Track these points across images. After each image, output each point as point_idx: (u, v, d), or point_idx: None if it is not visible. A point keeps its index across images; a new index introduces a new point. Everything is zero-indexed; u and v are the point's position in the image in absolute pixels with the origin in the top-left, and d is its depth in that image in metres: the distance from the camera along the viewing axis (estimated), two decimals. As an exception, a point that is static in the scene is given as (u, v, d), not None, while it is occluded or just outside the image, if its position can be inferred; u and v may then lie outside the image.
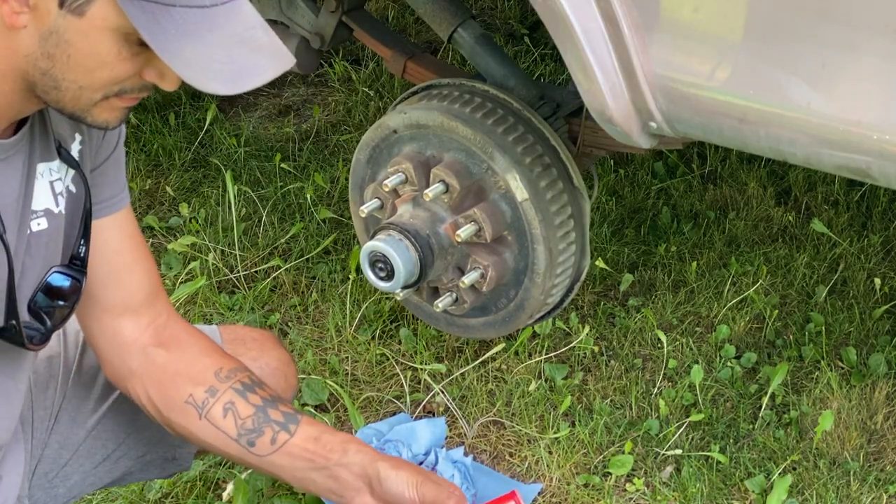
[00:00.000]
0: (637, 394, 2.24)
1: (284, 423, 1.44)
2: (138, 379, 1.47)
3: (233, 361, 1.49)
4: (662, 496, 2.03)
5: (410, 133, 2.11)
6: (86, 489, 1.60)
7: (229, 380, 1.45)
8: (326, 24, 2.37)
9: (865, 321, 2.40)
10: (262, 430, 1.44)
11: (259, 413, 1.44)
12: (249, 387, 1.46)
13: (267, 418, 1.44)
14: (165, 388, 1.46)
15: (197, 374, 1.45)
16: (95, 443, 1.57)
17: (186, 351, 1.48)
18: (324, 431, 1.45)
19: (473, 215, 2.02)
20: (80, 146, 1.34)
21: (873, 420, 2.17)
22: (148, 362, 1.46)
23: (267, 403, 1.45)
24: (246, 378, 1.47)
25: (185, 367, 1.46)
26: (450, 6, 2.24)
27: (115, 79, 1.15)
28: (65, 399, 1.55)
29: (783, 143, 1.67)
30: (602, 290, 2.55)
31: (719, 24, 1.65)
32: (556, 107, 2.20)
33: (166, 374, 1.46)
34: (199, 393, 1.44)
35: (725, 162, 2.94)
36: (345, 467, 1.41)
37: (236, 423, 1.44)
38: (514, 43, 3.55)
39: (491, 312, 2.18)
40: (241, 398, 1.44)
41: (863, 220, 2.72)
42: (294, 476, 1.46)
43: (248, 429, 1.44)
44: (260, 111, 3.39)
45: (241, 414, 1.44)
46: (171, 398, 1.45)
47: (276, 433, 1.43)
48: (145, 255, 1.49)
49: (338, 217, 2.74)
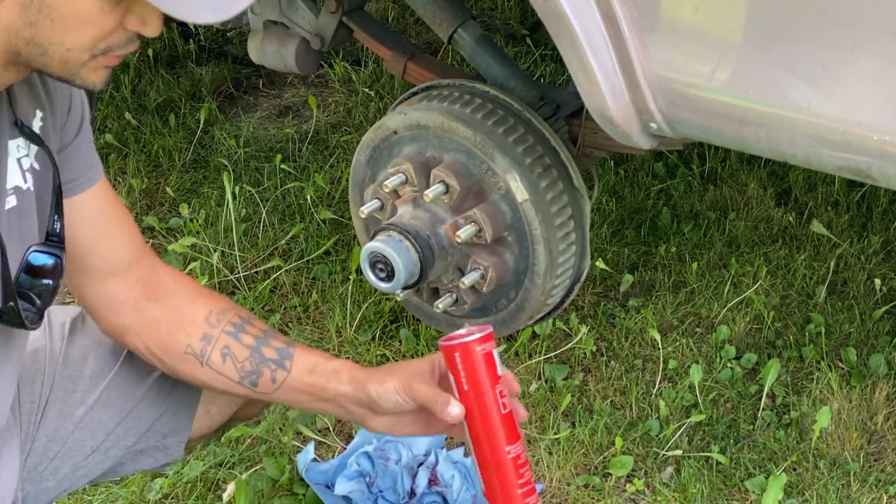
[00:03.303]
0: (637, 394, 2.24)
1: (279, 360, 1.46)
2: (135, 334, 1.49)
3: (219, 302, 1.51)
4: (662, 497, 2.03)
5: (410, 134, 2.11)
6: (76, 482, 1.59)
7: (220, 322, 1.47)
8: (327, 24, 2.37)
9: (865, 322, 2.40)
10: (261, 370, 1.46)
11: (254, 354, 1.46)
12: (240, 326, 1.48)
13: (262, 358, 1.46)
14: (163, 341, 1.48)
15: (190, 323, 1.48)
16: (84, 434, 1.56)
17: (176, 300, 1.50)
18: (317, 362, 1.46)
19: (474, 216, 2.02)
20: (41, 122, 1.33)
21: (873, 420, 2.17)
22: (142, 317, 1.48)
23: (259, 342, 1.47)
24: (235, 317, 1.48)
25: (178, 316, 1.48)
26: (450, 7, 2.24)
27: (100, 35, 1.15)
28: (51, 392, 1.55)
29: (783, 144, 1.67)
30: (602, 291, 2.55)
31: (719, 24, 1.65)
32: (557, 107, 2.20)
33: (161, 327, 1.48)
34: (196, 342, 1.47)
35: (725, 162, 2.94)
36: (343, 397, 1.43)
37: (236, 366, 1.46)
38: (515, 43, 3.55)
39: (491, 313, 2.18)
40: (235, 340, 1.47)
41: (863, 221, 2.73)
42: (305, 407, 1.52)
43: (248, 371, 1.46)
44: (260, 112, 3.39)
45: (239, 357, 1.46)
46: (170, 350, 1.48)
47: (274, 372, 1.46)
48: (125, 216, 1.50)
49: (338, 218, 2.74)
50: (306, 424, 2.17)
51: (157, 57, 3.62)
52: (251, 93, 3.50)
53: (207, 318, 1.48)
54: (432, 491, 1.99)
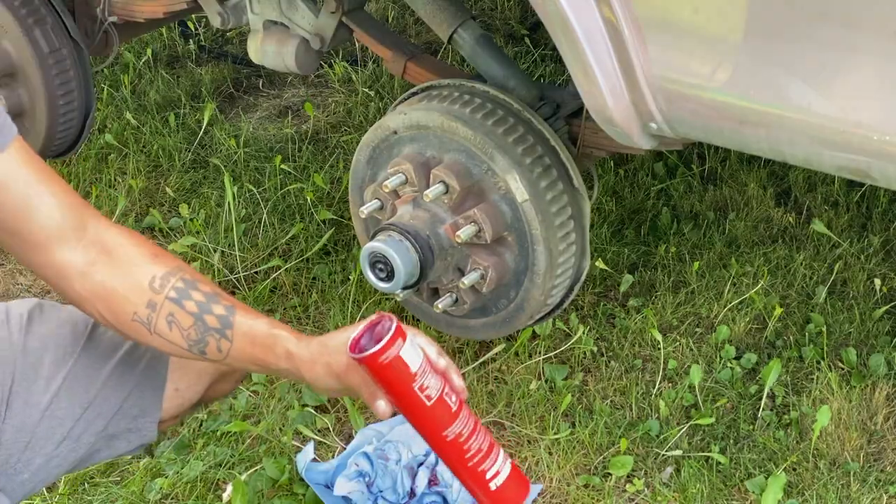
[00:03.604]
0: (637, 394, 2.24)
1: (221, 329, 1.44)
2: (88, 301, 1.46)
3: (164, 264, 1.46)
4: (662, 497, 2.03)
5: (410, 134, 2.11)
6: (52, 472, 1.57)
7: (164, 288, 1.44)
8: (326, 24, 2.37)
9: (865, 322, 2.40)
10: (206, 340, 1.44)
11: (198, 322, 1.44)
12: (183, 291, 1.45)
13: (206, 328, 1.44)
14: (112, 308, 1.46)
15: (135, 289, 1.44)
16: (52, 422, 1.55)
17: (122, 263, 1.46)
18: (256, 333, 1.44)
19: (473, 216, 2.02)
20: None
21: (873, 421, 2.17)
22: (90, 284, 1.45)
23: (202, 309, 1.44)
24: (179, 281, 1.45)
25: (122, 282, 1.45)
26: (450, 7, 2.24)
27: None
28: (14, 383, 1.54)
29: (783, 144, 1.67)
30: (602, 291, 2.55)
31: (719, 24, 1.65)
32: (557, 107, 2.20)
33: (108, 293, 1.45)
34: (142, 309, 1.44)
35: (725, 163, 2.94)
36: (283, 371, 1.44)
37: (182, 334, 1.45)
38: (514, 43, 3.55)
39: (491, 313, 2.18)
40: (179, 308, 1.44)
41: (863, 221, 2.72)
42: (258, 372, 1.51)
43: (194, 339, 1.45)
44: (260, 112, 3.39)
45: (183, 325, 1.44)
46: (118, 316, 1.46)
47: (219, 342, 1.44)
48: (50, 177, 1.45)
49: (338, 218, 2.74)
50: (306, 424, 2.17)
51: (157, 57, 3.63)
52: (251, 93, 3.50)
53: (151, 284, 1.44)
54: (432, 491, 1.99)
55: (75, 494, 2.03)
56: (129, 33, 2.92)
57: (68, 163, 3.02)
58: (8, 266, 2.74)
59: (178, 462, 2.10)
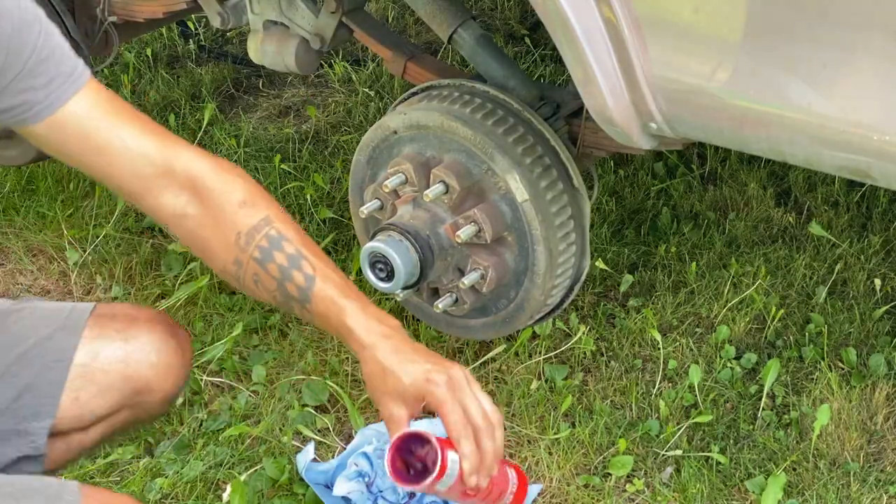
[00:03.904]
0: (637, 394, 2.24)
1: (301, 300, 1.44)
2: (188, 244, 1.49)
3: (251, 214, 1.44)
4: (662, 497, 2.03)
5: (410, 134, 2.11)
6: None
7: (249, 246, 1.43)
8: (326, 24, 2.37)
9: (865, 322, 2.40)
10: (290, 304, 1.45)
11: (280, 287, 1.44)
12: (267, 252, 1.43)
13: (288, 295, 1.44)
14: (205, 255, 1.47)
15: (222, 245, 1.44)
16: None
17: (209, 210, 1.44)
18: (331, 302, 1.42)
19: (473, 216, 2.02)
20: None
21: (873, 421, 2.17)
22: (183, 232, 1.46)
23: (283, 275, 1.43)
24: (263, 239, 1.43)
25: (212, 234, 1.45)
26: (450, 7, 2.24)
27: None
28: None
29: (783, 144, 1.67)
30: (602, 291, 2.55)
31: (719, 24, 1.65)
32: (557, 107, 2.20)
33: (200, 243, 1.46)
34: (230, 266, 1.45)
35: (725, 163, 2.94)
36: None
37: (268, 293, 1.45)
38: (514, 43, 3.55)
39: (491, 313, 2.18)
40: (263, 270, 1.43)
41: (863, 221, 2.72)
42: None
43: (279, 301, 1.45)
44: (260, 112, 3.39)
45: (269, 287, 1.44)
46: (212, 264, 1.48)
47: (302, 308, 1.44)
48: (129, 118, 1.44)
49: (338, 218, 2.74)
50: (306, 424, 2.17)
51: (157, 57, 3.63)
52: (251, 93, 3.50)
53: (238, 241, 1.43)
54: (432, 491, 1.99)
55: (75, 494, 2.03)
56: (129, 33, 2.92)
57: (68, 163, 3.01)
58: (8, 266, 2.74)
59: (177, 462, 2.10)
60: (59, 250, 2.73)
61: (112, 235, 2.73)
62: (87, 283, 2.64)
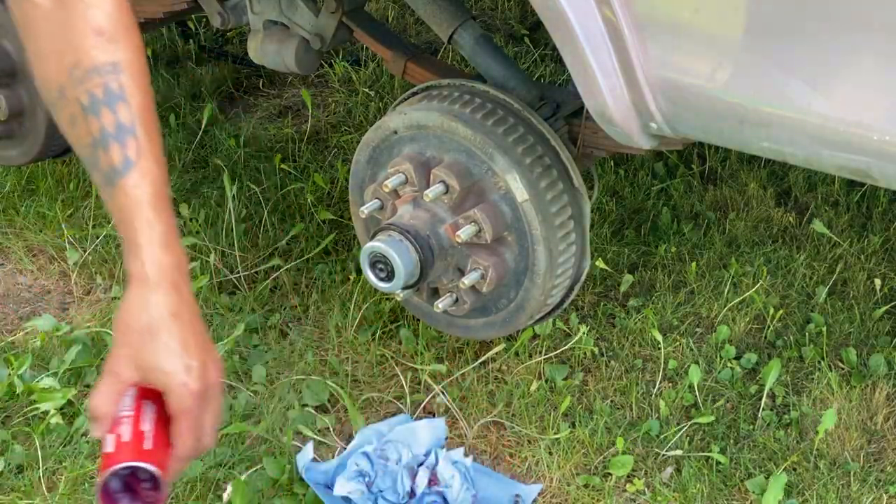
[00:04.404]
0: (637, 394, 2.24)
1: (106, 178, 1.23)
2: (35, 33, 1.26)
3: (99, 50, 1.22)
4: (662, 497, 2.03)
5: (410, 134, 2.11)
6: None
7: (81, 85, 1.22)
8: (327, 24, 2.37)
9: (866, 322, 2.40)
10: (93, 172, 1.24)
11: (92, 149, 1.23)
12: (97, 105, 1.22)
13: (95, 161, 1.23)
14: (36, 60, 1.25)
15: (56, 61, 1.23)
16: None
17: (68, 13, 1.23)
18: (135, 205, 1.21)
19: (473, 216, 2.02)
20: None
21: (873, 421, 2.17)
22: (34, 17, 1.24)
23: (102, 139, 1.22)
24: (98, 89, 1.22)
25: (50, 42, 1.24)
26: (450, 7, 2.24)
27: None
28: None
29: (783, 144, 1.67)
30: (602, 291, 2.55)
31: (720, 24, 1.65)
32: (557, 107, 2.20)
33: (39, 39, 1.25)
34: (52, 90, 1.24)
35: (725, 162, 2.94)
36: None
37: (78, 144, 1.25)
38: (514, 43, 3.55)
39: (491, 313, 2.18)
40: (83, 119, 1.22)
41: (863, 221, 2.73)
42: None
43: (84, 158, 1.25)
44: (260, 112, 3.39)
45: (81, 140, 1.24)
46: (39, 72, 1.26)
47: (104, 186, 1.24)
48: None
49: (338, 218, 2.75)
50: (306, 424, 2.17)
51: (157, 57, 3.63)
52: (251, 93, 3.50)
53: (72, 72, 1.22)
54: (432, 491, 1.99)
55: (75, 494, 2.03)
56: (129, 33, 2.92)
57: (68, 162, 3.02)
58: (8, 266, 2.74)
59: (178, 462, 2.10)
60: (60, 250, 2.73)
61: (112, 235, 2.73)
62: (87, 283, 2.64)
